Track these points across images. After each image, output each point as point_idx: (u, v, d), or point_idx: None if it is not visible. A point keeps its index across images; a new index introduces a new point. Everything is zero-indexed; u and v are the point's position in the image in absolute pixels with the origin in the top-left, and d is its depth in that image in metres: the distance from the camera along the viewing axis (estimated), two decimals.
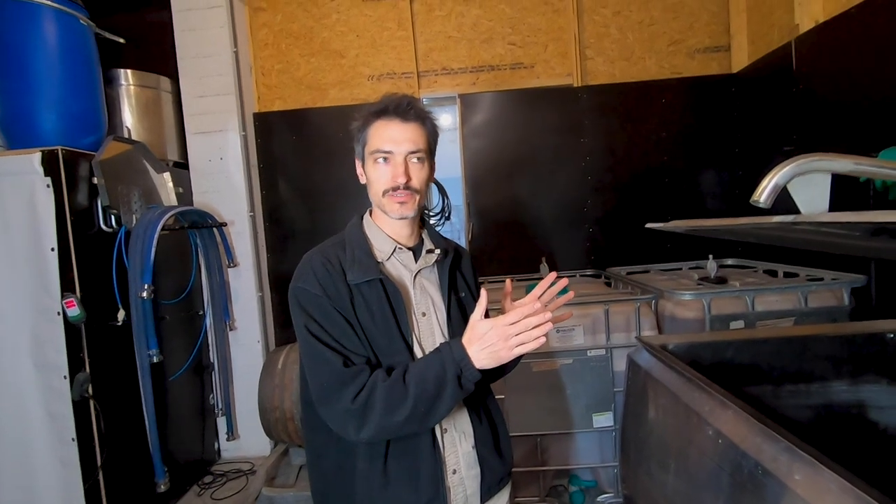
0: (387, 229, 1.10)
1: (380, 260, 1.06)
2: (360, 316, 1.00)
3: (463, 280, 1.16)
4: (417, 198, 1.05)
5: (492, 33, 3.22)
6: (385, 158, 1.03)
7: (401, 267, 1.09)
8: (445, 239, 1.19)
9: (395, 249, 1.08)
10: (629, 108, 3.13)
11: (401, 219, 1.06)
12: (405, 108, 1.03)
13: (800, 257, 2.49)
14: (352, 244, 1.07)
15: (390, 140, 1.02)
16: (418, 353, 1.03)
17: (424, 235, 1.15)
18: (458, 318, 1.09)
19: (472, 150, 3.20)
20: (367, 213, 1.14)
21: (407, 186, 1.02)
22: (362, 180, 1.10)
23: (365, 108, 1.06)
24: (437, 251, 1.11)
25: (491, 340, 0.89)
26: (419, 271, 1.09)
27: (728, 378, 1.26)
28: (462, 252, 1.21)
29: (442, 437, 1.04)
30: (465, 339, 0.92)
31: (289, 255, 3.25)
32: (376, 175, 1.04)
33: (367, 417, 0.91)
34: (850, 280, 2.15)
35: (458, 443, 1.06)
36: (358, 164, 1.11)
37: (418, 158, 1.04)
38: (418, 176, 1.04)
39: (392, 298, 1.02)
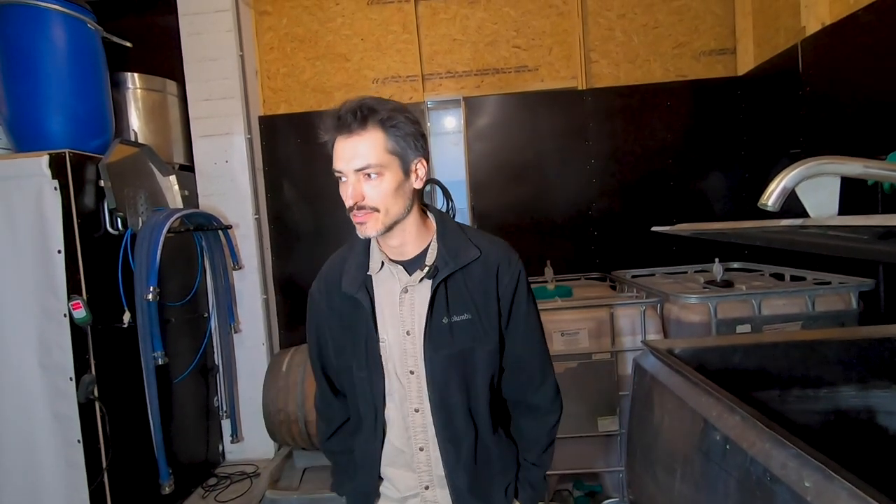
0: (380, 241, 1.05)
1: (371, 272, 1.04)
2: (343, 321, 1.06)
3: (470, 300, 1.01)
4: (380, 216, 0.95)
5: (496, 36, 3.22)
6: (342, 177, 0.95)
7: (393, 281, 1.03)
8: (472, 245, 1.03)
9: (382, 264, 1.04)
10: (634, 111, 3.12)
11: (366, 238, 1.01)
12: (349, 118, 0.91)
13: (807, 261, 2.47)
14: (353, 252, 1.08)
15: (340, 159, 0.94)
16: (390, 372, 1.03)
17: (433, 245, 1.03)
18: (443, 341, 0.99)
19: (477, 152, 3.20)
20: None
21: (362, 206, 0.94)
22: None
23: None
24: (426, 268, 1.01)
25: None
26: (408, 287, 1.02)
27: (735, 383, 1.25)
28: (484, 264, 1.03)
29: (414, 453, 1.05)
30: None
31: (293, 258, 3.26)
32: (342, 194, 0.97)
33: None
34: (857, 284, 2.13)
35: (432, 464, 1.05)
36: None
37: (369, 174, 0.93)
38: (374, 192, 0.94)
39: (367, 315, 1.02)
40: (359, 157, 0.92)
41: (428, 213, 1.08)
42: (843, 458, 0.73)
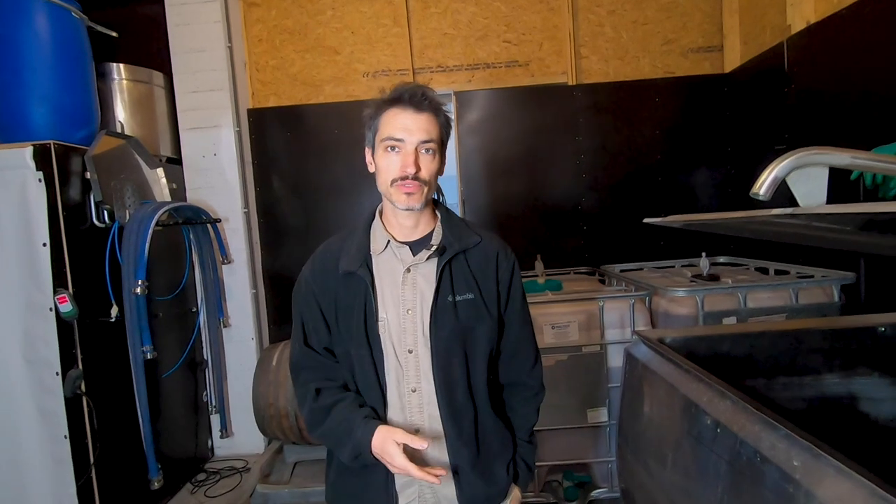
0: (389, 221, 1.10)
1: (373, 253, 1.08)
2: (339, 303, 1.08)
3: (472, 281, 1.08)
4: (425, 189, 1.02)
5: (487, 31, 3.22)
6: (395, 147, 1.01)
7: (396, 261, 1.08)
8: (473, 232, 1.11)
9: (388, 243, 1.08)
10: (623, 106, 3.15)
11: (407, 209, 1.03)
12: (420, 98, 1.01)
13: (790, 255, 2.53)
14: (352, 235, 1.11)
15: (402, 128, 1.00)
16: (388, 350, 1.05)
17: (438, 229, 1.10)
18: (447, 319, 1.04)
19: (468, 147, 3.21)
20: (381, 204, 1.14)
21: (416, 177, 1.00)
22: (371, 169, 1.09)
23: (379, 98, 1.05)
24: (433, 247, 1.06)
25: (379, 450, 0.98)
26: (411, 267, 1.06)
27: (723, 371, 1.27)
28: (484, 250, 1.10)
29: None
30: (383, 429, 0.99)
31: (283, 252, 3.24)
32: (386, 163, 1.03)
33: (302, 413, 1.11)
34: (839, 277, 2.18)
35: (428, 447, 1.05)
36: (367, 152, 1.10)
37: (429, 150, 1.02)
38: (428, 167, 1.02)
39: (366, 293, 1.05)
40: (424, 132, 1.01)
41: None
42: (827, 442, 0.76)
